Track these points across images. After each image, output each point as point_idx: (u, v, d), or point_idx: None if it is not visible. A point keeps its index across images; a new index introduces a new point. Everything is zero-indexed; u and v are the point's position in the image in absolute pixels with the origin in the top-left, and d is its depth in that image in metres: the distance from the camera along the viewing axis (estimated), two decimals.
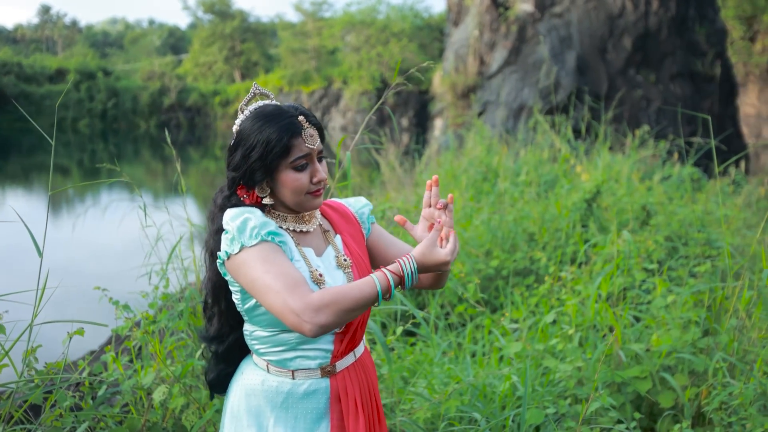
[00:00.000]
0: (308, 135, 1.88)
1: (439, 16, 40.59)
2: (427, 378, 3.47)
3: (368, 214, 2.17)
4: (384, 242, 2.15)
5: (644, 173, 7.70)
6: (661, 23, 16.96)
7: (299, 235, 1.98)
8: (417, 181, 9.66)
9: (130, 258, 4.19)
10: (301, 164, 1.88)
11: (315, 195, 1.93)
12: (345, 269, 1.97)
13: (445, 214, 1.89)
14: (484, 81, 18.53)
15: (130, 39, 69.01)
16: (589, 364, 3.15)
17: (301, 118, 1.89)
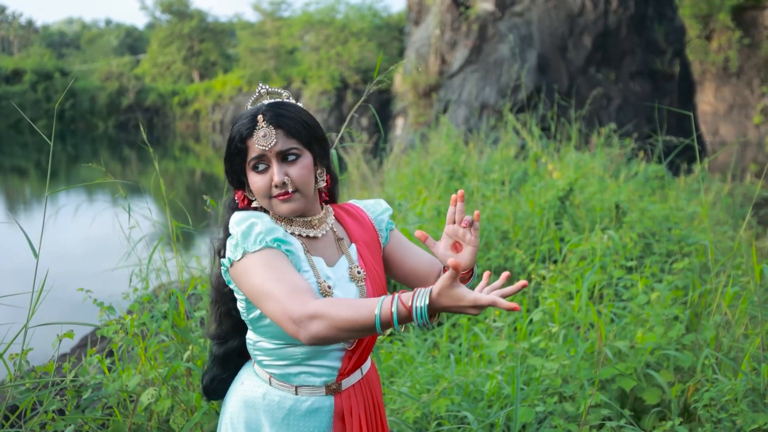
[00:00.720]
0: (260, 135, 1.77)
1: (398, 16, 40.65)
2: (409, 377, 3.45)
3: (387, 220, 2.04)
4: (401, 252, 2.02)
5: (611, 171, 7.77)
6: (620, 22, 17.13)
7: (309, 242, 1.88)
8: (384, 180, 9.64)
9: (100, 259, 4.11)
10: (255, 165, 1.79)
11: (280, 199, 1.79)
12: (358, 282, 1.87)
13: (470, 232, 1.76)
14: (446, 80, 18.55)
15: (86, 39, 67.99)
16: (573, 361, 3.15)
17: (259, 117, 1.78)
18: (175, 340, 2.98)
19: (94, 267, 3.82)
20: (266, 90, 1.89)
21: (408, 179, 8.58)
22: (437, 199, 6.91)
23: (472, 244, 1.75)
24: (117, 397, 2.74)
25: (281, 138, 1.78)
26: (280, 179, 1.77)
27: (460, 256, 1.77)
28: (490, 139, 10.01)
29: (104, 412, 2.82)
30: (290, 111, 1.82)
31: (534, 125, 8.45)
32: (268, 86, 1.89)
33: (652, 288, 3.78)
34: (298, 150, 1.81)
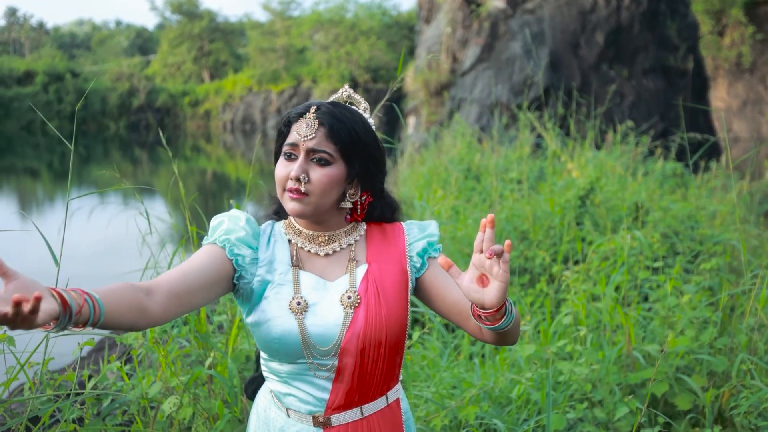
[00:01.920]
0: (303, 124, 1.69)
1: (408, 14, 40.62)
2: (432, 381, 3.38)
3: (424, 247, 1.84)
4: (442, 283, 1.79)
5: (629, 169, 7.67)
6: (633, 18, 17.00)
7: (308, 256, 1.79)
8: (398, 180, 9.58)
9: (116, 263, 4.05)
10: (286, 151, 1.71)
11: (290, 196, 1.70)
12: (346, 308, 1.71)
13: (498, 264, 1.49)
14: (458, 78, 18.48)
15: (97, 40, 68.28)
16: (603, 366, 3.08)
17: (312, 107, 1.70)
18: (195, 345, 2.92)
19: (111, 271, 3.77)
20: (348, 95, 1.80)
21: (423, 178, 8.51)
22: (454, 199, 6.84)
23: (500, 279, 1.49)
24: (137, 404, 2.68)
25: (320, 137, 1.69)
26: (297, 173, 1.68)
27: (485, 292, 1.51)
28: (505, 137, 9.91)
29: (124, 419, 2.77)
30: (346, 116, 1.72)
31: (551, 123, 8.36)
32: (352, 91, 1.80)
33: (681, 291, 3.70)
34: (331, 157, 1.70)
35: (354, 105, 1.80)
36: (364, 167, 1.76)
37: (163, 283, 1.58)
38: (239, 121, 42.22)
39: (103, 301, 1.37)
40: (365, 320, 1.69)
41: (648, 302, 4.04)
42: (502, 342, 1.69)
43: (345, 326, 1.70)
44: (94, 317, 1.34)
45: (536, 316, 4.26)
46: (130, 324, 1.47)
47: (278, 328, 1.68)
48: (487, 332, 1.67)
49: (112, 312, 1.40)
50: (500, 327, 1.59)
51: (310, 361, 1.69)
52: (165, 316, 1.56)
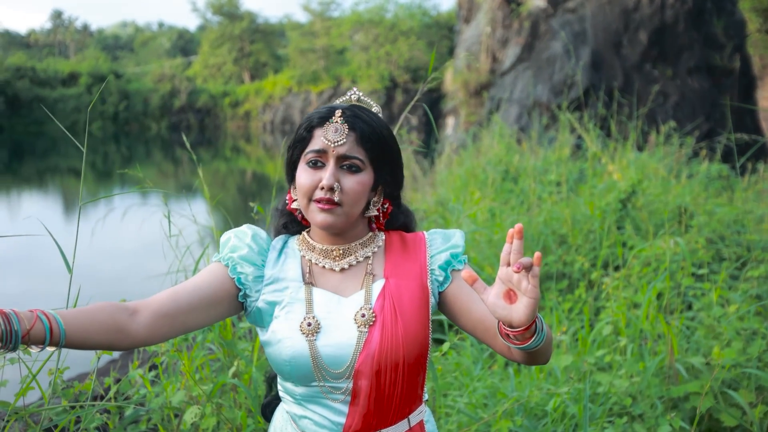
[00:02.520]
0: (330, 129, 1.58)
1: (448, 14, 40.45)
2: (465, 390, 3.27)
3: (446, 259, 1.71)
4: (467, 298, 1.66)
5: (673, 171, 7.46)
6: (677, 16, 16.70)
7: (321, 271, 1.68)
8: (435, 181, 9.47)
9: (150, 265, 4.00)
10: (312, 159, 1.60)
11: (320, 207, 1.59)
12: (360, 327, 1.60)
13: (528, 278, 1.36)
14: (497, 78, 18.33)
15: (140, 42, 69.17)
16: (644, 378, 2.93)
17: (337, 111, 1.60)
18: (221, 352, 2.85)
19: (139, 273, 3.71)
20: (358, 97, 1.70)
21: (460, 180, 8.38)
22: (491, 201, 6.71)
23: (529, 294, 1.35)
24: (161, 413, 2.61)
25: (351, 142, 1.59)
26: (330, 182, 1.57)
27: (513, 309, 1.38)
28: (544, 138, 9.74)
29: (148, 427, 2.70)
30: (373, 120, 1.63)
31: (591, 124, 8.17)
32: (362, 94, 1.70)
33: (727, 300, 3.53)
34: (362, 163, 1.61)
35: (368, 107, 1.70)
36: (391, 173, 1.68)
37: (152, 303, 1.52)
38: (279, 121, 42.40)
39: (64, 320, 1.35)
40: (380, 340, 1.58)
41: (692, 311, 3.88)
42: (532, 362, 1.56)
43: (359, 347, 1.59)
44: (52, 337, 1.32)
45: (574, 324, 4.12)
46: (106, 343, 1.43)
47: (288, 350, 1.59)
48: (516, 352, 1.54)
49: (80, 331, 1.37)
50: (530, 347, 1.45)
51: (322, 384, 1.60)
52: (150, 336, 1.50)
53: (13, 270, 8.32)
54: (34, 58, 49.46)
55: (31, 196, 17.94)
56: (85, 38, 69.37)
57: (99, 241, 8.49)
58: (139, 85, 45.18)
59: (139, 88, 44.89)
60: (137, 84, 45.42)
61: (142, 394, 2.60)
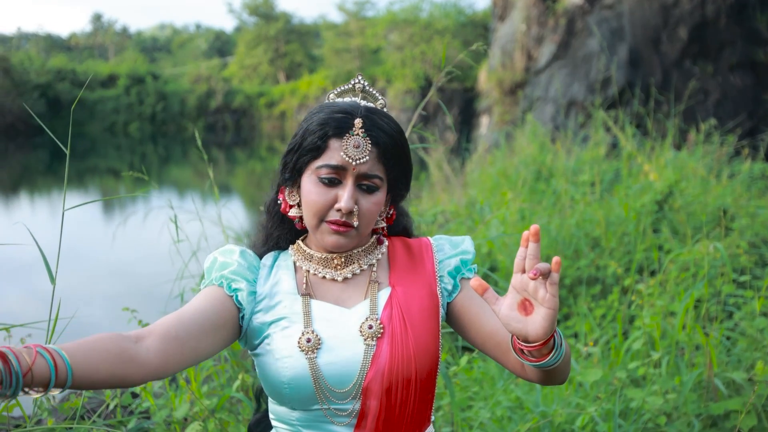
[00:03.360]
0: (351, 143, 1.40)
1: (483, 13, 40.13)
2: (488, 402, 3.09)
3: (457, 266, 1.56)
4: (477, 310, 1.51)
5: (713, 171, 7.18)
6: (719, 11, 16.32)
7: (321, 282, 1.52)
8: (467, 182, 9.27)
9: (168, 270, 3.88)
10: (326, 176, 1.42)
11: (333, 228, 1.43)
12: (367, 339, 1.44)
13: (545, 286, 1.22)
14: (532, 76, 18.09)
15: (177, 43, 69.79)
16: (680, 394, 2.72)
17: (357, 121, 1.40)
18: (231, 363, 2.70)
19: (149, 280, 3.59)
20: (363, 87, 1.51)
21: (492, 180, 8.17)
22: (522, 202, 6.50)
23: (547, 304, 1.22)
24: (164, 426, 2.47)
25: (372, 159, 1.42)
26: (349, 206, 1.41)
27: (528, 321, 1.24)
28: (578, 137, 9.48)
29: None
30: (392, 129, 1.45)
31: (627, 122, 7.90)
32: (366, 83, 1.51)
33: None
34: (380, 181, 1.45)
35: (370, 100, 1.52)
36: (404, 187, 1.53)
37: (157, 327, 1.31)
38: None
39: (68, 353, 1.11)
40: (390, 354, 1.41)
41: (732, 321, 3.64)
42: (548, 381, 1.40)
43: (367, 362, 1.41)
44: (58, 375, 1.09)
45: (607, 332, 3.91)
46: (119, 378, 1.20)
47: (287, 371, 1.41)
48: (530, 369, 1.38)
49: (87, 366, 1.14)
50: (547, 364, 1.29)
51: (326, 407, 1.41)
52: (165, 364, 1.28)
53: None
54: (75, 61, 50.07)
55: (71, 197, 18.09)
56: (124, 40, 70.11)
57: (120, 245, 8.42)
58: (176, 86, 45.55)
59: (176, 89, 45.26)
60: (174, 85, 45.79)
61: (145, 406, 2.46)
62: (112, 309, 3.25)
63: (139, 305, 2.79)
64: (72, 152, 6.79)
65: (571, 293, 4.78)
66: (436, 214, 5.40)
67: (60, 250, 1.62)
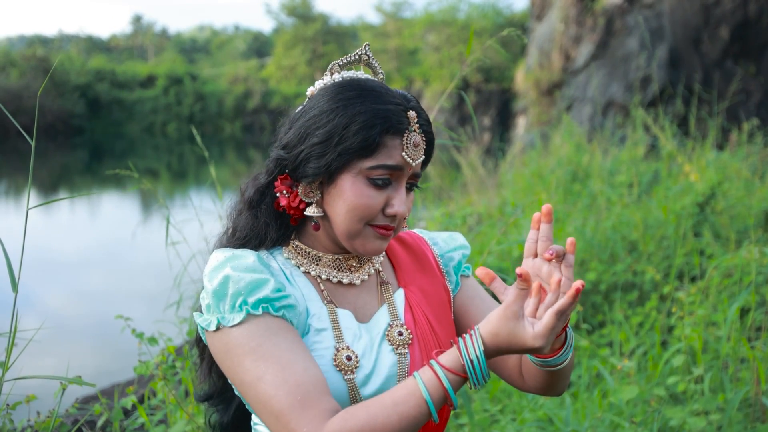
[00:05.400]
0: (412, 142, 1.22)
1: (522, 14, 39.84)
2: (515, 418, 2.89)
3: (459, 260, 1.44)
4: (475, 309, 1.41)
5: (757, 172, 6.89)
6: (762, 10, 15.98)
7: (336, 288, 1.32)
8: (500, 182, 9.06)
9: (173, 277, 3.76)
10: (381, 177, 1.22)
11: (380, 233, 1.25)
12: (398, 348, 1.27)
13: (560, 269, 1.12)
14: (570, 77, 17.85)
15: (216, 44, 70.34)
16: (725, 414, 2.50)
17: (412, 114, 1.23)
18: None
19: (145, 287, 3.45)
20: (368, 58, 1.34)
21: (526, 181, 7.95)
22: (557, 203, 6.28)
23: (562, 289, 1.10)
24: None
25: (422, 154, 1.27)
26: (405, 210, 1.25)
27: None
28: (615, 137, 9.22)
29: None
30: (428, 118, 1.30)
31: (668, 122, 7.63)
32: (371, 55, 1.33)
33: None
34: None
35: (368, 74, 1.33)
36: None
37: (324, 411, 1.12)
38: None
39: None
40: (423, 360, 1.27)
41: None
42: (549, 388, 1.28)
43: (404, 373, 1.25)
44: None
45: (644, 342, 3.68)
46: None
47: None
48: (533, 373, 1.26)
49: None
50: (557, 361, 1.18)
51: None
52: None
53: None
54: (114, 61, 50.65)
55: (110, 197, 18.23)
56: (163, 42, 70.89)
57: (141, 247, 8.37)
58: (214, 87, 45.89)
59: (214, 89, 45.60)
60: (212, 86, 46.13)
61: (139, 423, 2.30)
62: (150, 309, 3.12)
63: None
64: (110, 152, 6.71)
65: (606, 300, 4.56)
66: (466, 216, 5.20)
67: (23, 251, 1.46)
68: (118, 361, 4.86)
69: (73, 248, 10.63)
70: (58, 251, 10.09)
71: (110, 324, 2.85)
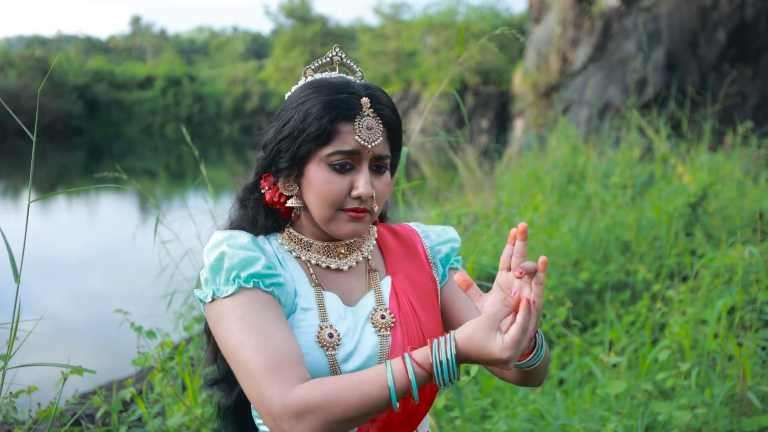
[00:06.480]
0: (364, 125, 1.30)
1: (520, 17, 39.89)
2: (506, 412, 2.94)
3: (447, 253, 1.52)
4: (460, 304, 1.48)
5: (750, 174, 6.93)
6: (758, 14, 16.02)
7: (325, 273, 1.41)
8: (497, 184, 9.10)
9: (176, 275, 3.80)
10: (339, 162, 1.31)
11: (352, 216, 1.34)
12: (381, 330, 1.36)
13: (530, 285, 1.17)
14: (567, 79, 17.88)
15: (215, 46, 70.30)
16: (711, 408, 2.55)
17: (365, 100, 1.31)
18: None
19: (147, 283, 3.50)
20: (341, 59, 1.42)
21: (522, 182, 8.00)
22: (553, 204, 6.33)
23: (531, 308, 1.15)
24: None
25: (383, 139, 1.34)
26: (369, 191, 1.32)
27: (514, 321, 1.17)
28: (611, 139, 9.27)
29: None
30: (391, 104, 1.37)
31: (662, 125, 7.68)
32: (344, 55, 1.41)
33: None
34: (389, 160, 1.37)
35: (345, 73, 1.42)
36: (397, 158, 1.42)
37: (296, 377, 1.20)
38: None
39: None
40: (404, 342, 1.36)
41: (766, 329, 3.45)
42: (525, 382, 1.39)
43: (384, 354, 1.34)
44: None
45: (635, 341, 3.73)
46: None
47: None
48: (509, 370, 1.32)
49: None
50: (527, 364, 1.28)
51: None
52: None
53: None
54: (113, 62, 50.64)
55: (109, 197, 18.26)
56: (162, 43, 70.88)
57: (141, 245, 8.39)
58: (213, 88, 45.87)
59: (212, 91, 45.57)
60: (211, 87, 46.12)
61: (137, 414, 2.34)
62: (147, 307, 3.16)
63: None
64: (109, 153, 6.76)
65: (599, 299, 4.61)
66: (461, 216, 5.25)
67: (25, 242, 1.51)
68: (115, 360, 4.91)
69: (70, 248, 10.66)
70: (56, 251, 10.12)
71: (108, 324, 2.88)
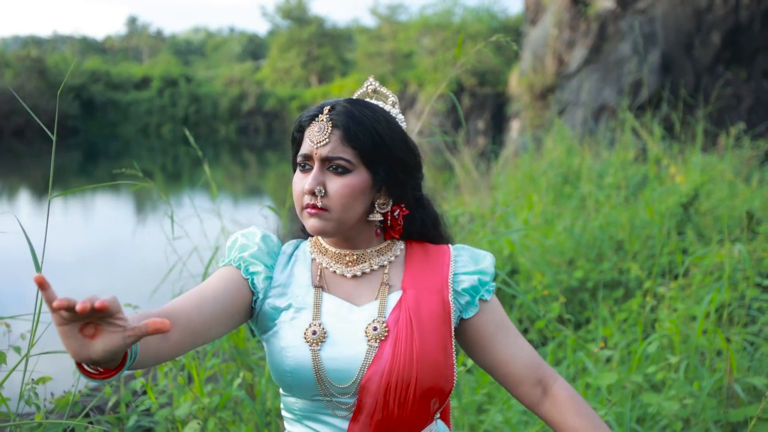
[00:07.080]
0: (315, 129, 1.43)
1: (516, 18, 40.00)
2: (502, 407, 3.03)
3: (474, 286, 1.54)
4: (490, 338, 1.53)
5: (743, 175, 7.03)
6: (753, 17, 16.11)
7: (333, 276, 1.53)
8: (493, 184, 9.20)
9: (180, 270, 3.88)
10: (300, 163, 1.48)
11: (308, 212, 1.45)
12: (372, 341, 1.44)
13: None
14: (563, 81, 17.95)
15: (211, 46, 70.29)
16: (699, 399, 2.64)
17: (326, 108, 1.45)
18: (236, 362, 2.67)
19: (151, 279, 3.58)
20: (374, 88, 1.54)
21: (518, 183, 8.10)
22: (548, 204, 6.42)
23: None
24: (165, 426, 2.44)
25: (335, 141, 1.43)
26: (311, 187, 1.43)
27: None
28: (606, 140, 9.37)
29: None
30: (365, 115, 1.45)
31: (656, 126, 7.78)
32: (378, 84, 1.53)
33: None
34: (350, 164, 1.43)
35: (381, 100, 1.53)
36: (390, 173, 1.48)
37: (180, 318, 1.31)
38: None
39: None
40: (392, 356, 1.42)
41: (756, 325, 3.55)
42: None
43: (367, 362, 1.42)
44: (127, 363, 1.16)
45: (628, 337, 3.83)
46: (153, 356, 1.27)
47: (291, 360, 1.43)
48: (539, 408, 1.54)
49: (143, 347, 1.22)
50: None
51: (328, 398, 1.44)
52: (176, 353, 1.33)
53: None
54: (109, 63, 50.63)
55: (105, 197, 18.29)
56: (158, 43, 70.83)
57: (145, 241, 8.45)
58: (209, 89, 45.84)
59: (208, 91, 45.54)
60: (207, 88, 46.10)
61: (146, 404, 2.43)
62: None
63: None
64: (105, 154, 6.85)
65: (593, 297, 4.70)
66: (457, 216, 5.34)
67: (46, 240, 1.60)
68: None
69: (69, 248, 10.72)
70: (54, 251, 10.17)
71: None
